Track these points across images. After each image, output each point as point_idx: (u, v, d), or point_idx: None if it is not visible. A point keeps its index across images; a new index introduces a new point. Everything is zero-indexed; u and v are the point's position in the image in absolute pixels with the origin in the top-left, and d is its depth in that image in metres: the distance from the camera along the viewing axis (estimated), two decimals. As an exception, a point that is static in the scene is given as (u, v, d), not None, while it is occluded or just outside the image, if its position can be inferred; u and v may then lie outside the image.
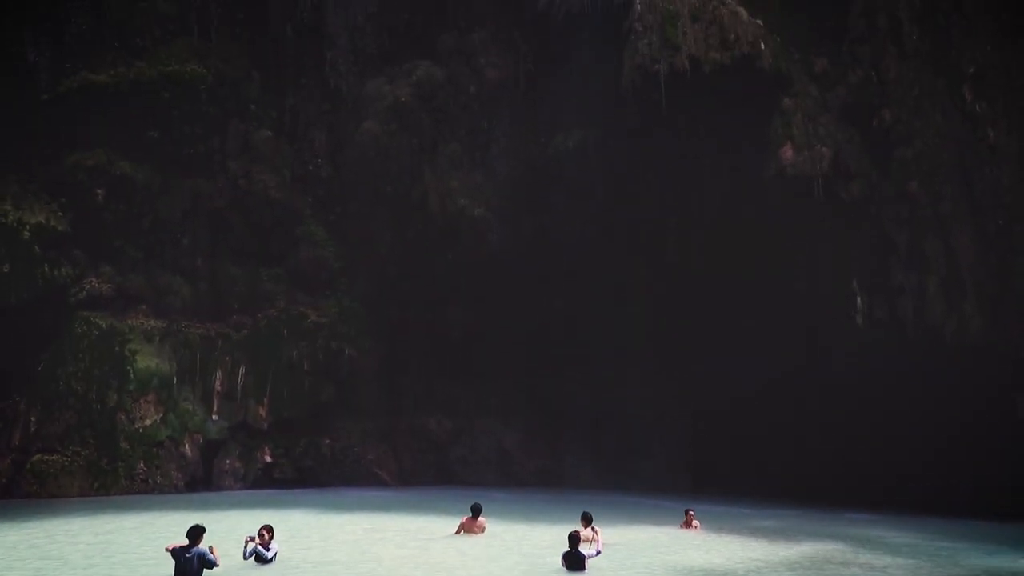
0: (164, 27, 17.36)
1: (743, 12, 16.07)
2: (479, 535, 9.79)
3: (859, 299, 13.95)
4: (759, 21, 16.06)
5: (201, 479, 15.82)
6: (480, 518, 9.92)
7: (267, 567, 7.70)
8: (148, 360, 15.81)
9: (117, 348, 15.59)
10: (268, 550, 7.86)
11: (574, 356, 18.32)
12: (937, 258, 13.42)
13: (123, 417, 15.20)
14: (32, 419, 14.86)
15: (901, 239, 13.64)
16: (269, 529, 7.98)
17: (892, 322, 13.84)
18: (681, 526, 11.04)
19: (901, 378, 13.59)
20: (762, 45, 15.56)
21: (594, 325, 18.02)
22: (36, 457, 14.52)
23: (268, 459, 16.68)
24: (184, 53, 17.24)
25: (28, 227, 15.25)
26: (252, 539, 7.81)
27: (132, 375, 15.54)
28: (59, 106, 16.22)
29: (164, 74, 16.66)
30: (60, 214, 15.83)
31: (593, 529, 8.60)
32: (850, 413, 14.56)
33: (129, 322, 16.04)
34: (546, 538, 9.55)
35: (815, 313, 14.94)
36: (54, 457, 14.57)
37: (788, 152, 14.82)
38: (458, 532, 9.90)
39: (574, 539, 7.67)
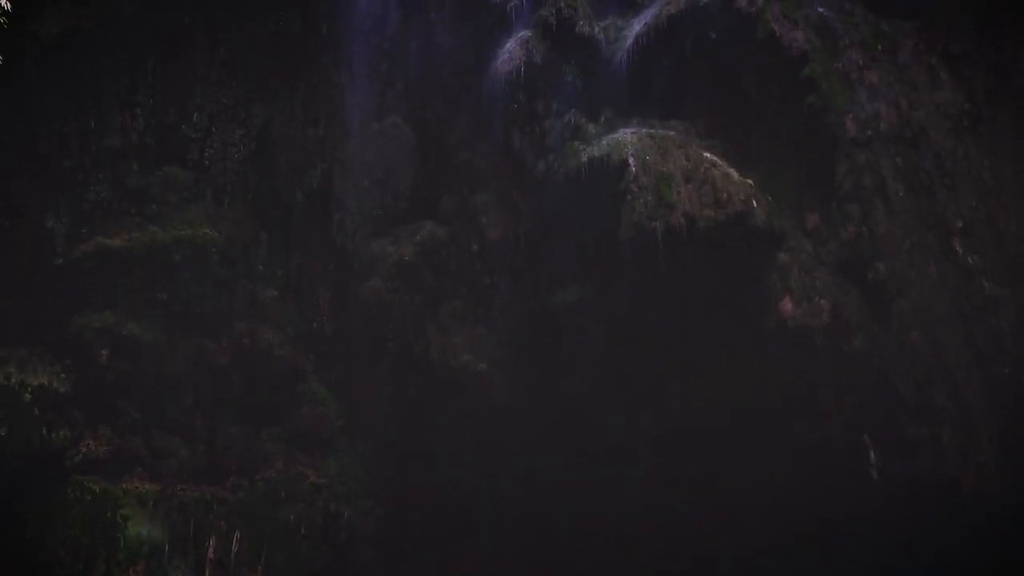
0: (180, 193, 18.09)
1: (734, 173, 16.84)
2: None
3: (872, 453, 13.70)
4: (750, 181, 16.81)
5: (188, 656, 14.85)
6: None
7: None
8: (140, 527, 15.25)
9: (109, 514, 15.07)
10: None
11: (580, 515, 17.68)
12: (947, 409, 13.32)
13: (109, 589, 14.49)
14: (14, 592, 14.16)
15: (908, 390, 13.60)
16: None
17: (907, 476, 13.52)
18: None
19: (915, 531, 13.10)
20: (754, 203, 16.18)
21: (600, 484, 17.53)
22: (14, 635, 13.71)
23: (259, 633, 15.72)
24: (198, 217, 17.87)
25: (30, 389, 15.21)
26: None
27: (122, 543, 14.92)
28: (72, 270, 16.62)
29: (177, 238, 17.19)
30: (63, 375, 15.84)
31: None
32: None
33: (124, 486, 15.63)
34: None
35: (825, 467, 14.59)
36: (33, 634, 13.76)
37: (788, 304, 15.04)
38: None
39: None
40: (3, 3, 10.57)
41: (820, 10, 17.67)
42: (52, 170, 17.17)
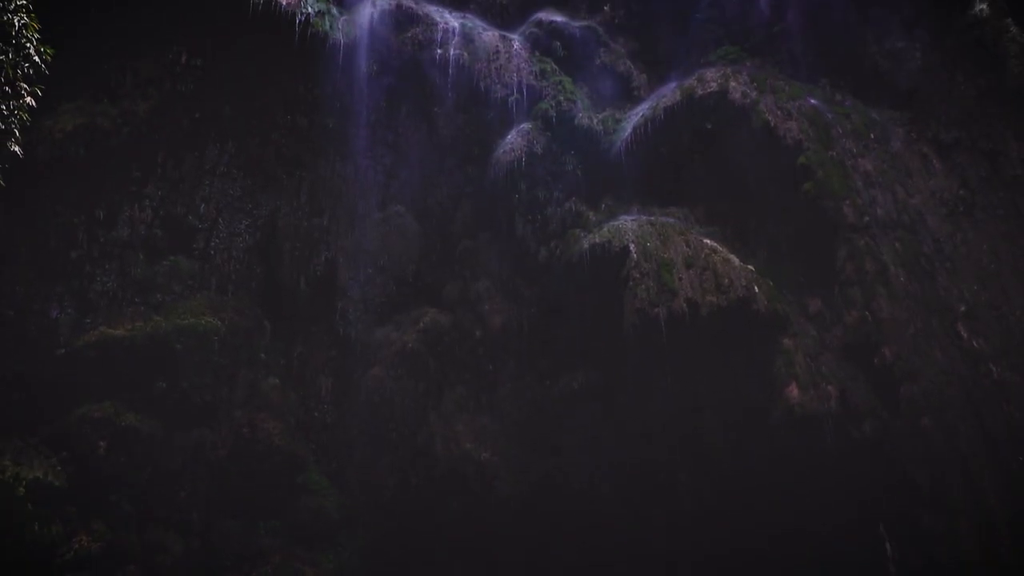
0: (185, 283, 18.20)
1: (735, 258, 16.97)
2: None
3: (888, 546, 13.26)
4: (750, 266, 16.92)
5: None
6: None
7: None
8: (129, 630, 14.65)
9: (97, 615, 14.53)
10: None
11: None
12: (964, 499, 12.96)
13: None
14: None
15: (923, 479, 13.28)
16: None
17: (926, 569, 13.05)
18: None
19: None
20: (756, 288, 16.24)
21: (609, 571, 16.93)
22: None
23: None
24: (201, 306, 17.91)
25: (24, 483, 14.87)
26: None
27: (110, 647, 14.33)
28: (74, 360, 16.53)
29: (179, 327, 17.18)
30: (59, 468, 15.53)
31: None
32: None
33: (114, 585, 15.10)
34: None
35: (841, 561, 14.11)
36: None
37: (794, 391, 14.87)
38: None
39: None
40: (28, 100, 10.90)
41: (812, 101, 18.21)
42: (60, 261, 17.34)
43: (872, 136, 17.60)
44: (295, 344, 19.42)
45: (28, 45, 10.67)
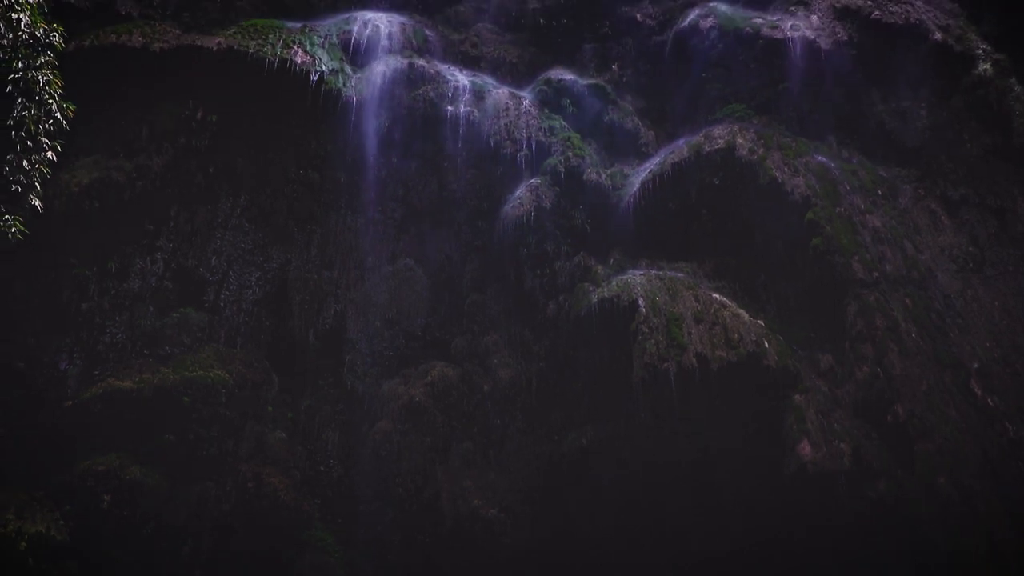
0: (194, 335, 18.22)
1: (744, 313, 16.94)
2: None
3: (908, 610, 12.93)
4: (760, 321, 16.87)
5: None
6: None
7: None
8: None
9: (95, 676, 14.17)
10: None
11: None
12: (984, 563, 12.65)
13: None
14: None
15: (940, 540, 12.98)
16: None
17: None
18: None
19: None
20: (766, 344, 16.17)
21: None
22: None
23: None
24: (209, 359, 17.89)
25: (26, 537, 14.67)
26: None
27: None
28: (81, 412, 16.45)
29: (187, 379, 17.12)
30: (62, 522, 15.32)
31: None
32: None
33: (113, 645, 14.77)
34: None
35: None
36: None
37: (806, 448, 14.68)
38: None
39: None
40: (50, 155, 11.13)
41: (819, 158, 18.40)
42: (71, 313, 17.40)
43: (880, 192, 17.73)
44: (303, 397, 19.32)
45: (51, 101, 10.93)
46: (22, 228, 11.16)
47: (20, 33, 10.55)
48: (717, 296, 17.23)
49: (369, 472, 18.79)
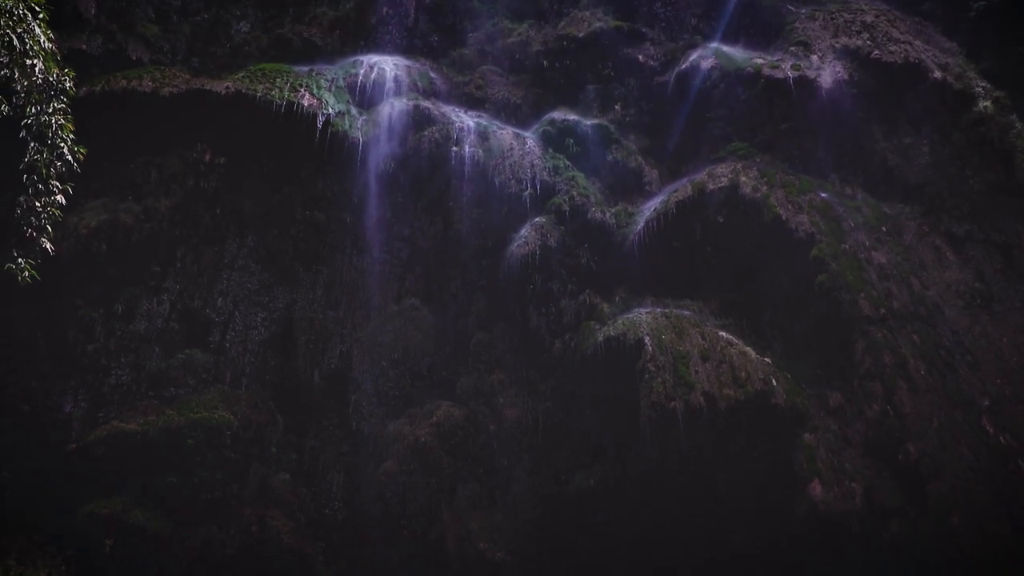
0: (199, 376, 18.18)
1: (751, 351, 16.85)
2: None
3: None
4: (767, 359, 16.77)
5: None
6: None
7: None
8: None
9: None
10: None
11: None
12: (1003, 606, 12.41)
13: None
14: None
15: (957, 583, 12.75)
16: None
17: None
18: None
19: None
20: (774, 382, 16.04)
21: None
22: None
23: None
24: (214, 400, 17.82)
25: (27, 584, 14.53)
26: None
27: None
28: (84, 455, 16.37)
29: (192, 421, 17.04)
30: (63, 568, 15.15)
31: None
32: None
33: None
34: None
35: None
36: None
37: (817, 488, 14.47)
38: None
39: None
40: (60, 198, 11.24)
41: (823, 195, 18.46)
42: (76, 355, 17.42)
43: (884, 229, 17.74)
44: (307, 438, 19.19)
45: (63, 145, 11.07)
46: (34, 272, 11.24)
47: (34, 79, 10.73)
48: (723, 334, 17.16)
49: (374, 514, 18.55)
